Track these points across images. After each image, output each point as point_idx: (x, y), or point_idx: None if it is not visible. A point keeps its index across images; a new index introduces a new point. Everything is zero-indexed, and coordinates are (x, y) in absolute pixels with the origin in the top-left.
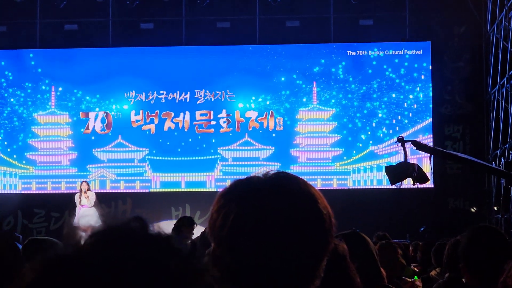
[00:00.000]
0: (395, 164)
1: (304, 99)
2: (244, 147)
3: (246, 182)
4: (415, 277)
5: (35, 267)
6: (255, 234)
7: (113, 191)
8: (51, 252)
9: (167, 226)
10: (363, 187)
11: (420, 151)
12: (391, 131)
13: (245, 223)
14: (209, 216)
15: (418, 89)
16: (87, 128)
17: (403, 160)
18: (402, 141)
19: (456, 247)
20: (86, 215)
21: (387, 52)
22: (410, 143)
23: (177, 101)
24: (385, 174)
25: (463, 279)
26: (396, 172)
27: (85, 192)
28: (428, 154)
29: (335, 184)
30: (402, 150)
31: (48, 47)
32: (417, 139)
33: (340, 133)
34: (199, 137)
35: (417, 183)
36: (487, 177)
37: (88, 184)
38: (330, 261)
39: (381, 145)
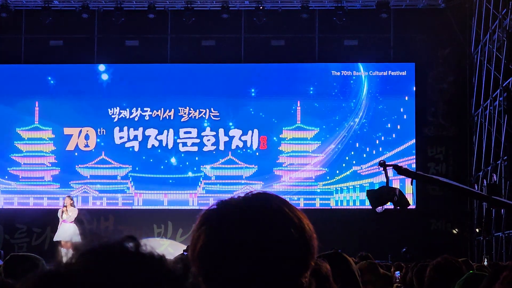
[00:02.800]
0: (376, 188)
1: (288, 118)
2: (227, 166)
3: (225, 203)
4: None
5: (27, 285)
6: (227, 254)
7: (95, 207)
8: (42, 269)
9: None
10: (345, 207)
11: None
12: (374, 152)
13: (218, 243)
14: (190, 237)
15: (402, 110)
16: (71, 144)
17: (385, 181)
18: (384, 165)
19: (438, 269)
20: (66, 231)
21: (371, 73)
22: (391, 167)
23: (161, 119)
24: (367, 198)
25: None
26: (377, 196)
27: (66, 207)
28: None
29: (317, 203)
30: (385, 173)
31: (33, 63)
32: (400, 161)
33: (324, 152)
34: (183, 155)
35: (398, 208)
36: (469, 199)
37: (71, 199)
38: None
39: (364, 165)
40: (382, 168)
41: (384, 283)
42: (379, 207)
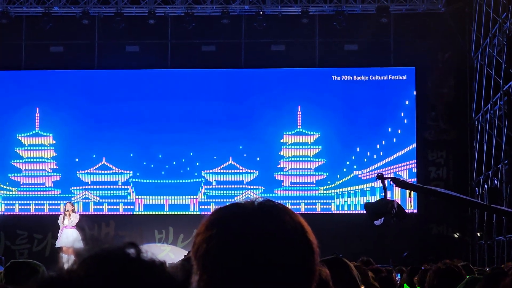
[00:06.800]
0: (374, 201)
1: (289, 123)
2: (228, 171)
3: (231, 209)
4: None
5: None
6: (241, 260)
7: (97, 213)
8: (43, 275)
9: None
10: (346, 212)
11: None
12: (375, 156)
13: (229, 250)
14: (193, 242)
15: (402, 114)
16: (71, 150)
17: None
18: (381, 178)
19: (438, 274)
20: (68, 237)
21: (371, 77)
22: (390, 180)
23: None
24: (365, 211)
25: None
26: (375, 209)
27: (67, 211)
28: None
29: (318, 208)
30: (383, 186)
31: (33, 69)
32: (401, 165)
33: (324, 157)
34: (183, 160)
35: (394, 219)
36: None
37: (72, 205)
38: None
39: (365, 170)
40: (380, 181)
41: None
42: (377, 220)
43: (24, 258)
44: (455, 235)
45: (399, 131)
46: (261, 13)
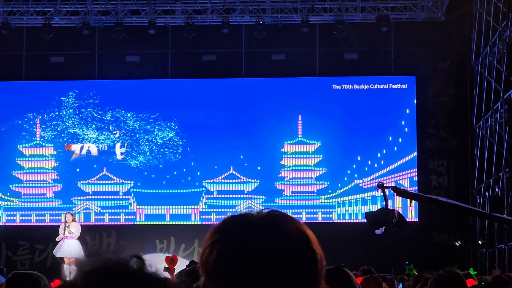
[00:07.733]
0: (375, 210)
1: (290, 132)
2: (229, 180)
3: (238, 218)
4: None
5: None
6: (243, 269)
7: (98, 223)
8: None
9: (151, 258)
10: (347, 221)
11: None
12: (376, 165)
13: (236, 257)
14: (201, 249)
15: (403, 123)
16: (72, 161)
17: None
18: (382, 187)
19: (439, 282)
20: (70, 248)
21: (372, 86)
22: (390, 189)
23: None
24: (366, 220)
25: None
26: (376, 218)
27: (68, 222)
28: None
29: (320, 217)
30: (383, 194)
31: (34, 79)
32: (402, 174)
33: (325, 166)
34: (184, 170)
35: (395, 228)
36: None
37: (72, 215)
38: None
39: (366, 178)
40: (381, 190)
41: None
42: (378, 229)
43: (26, 268)
44: (457, 244)
45: (400, 140)
46: (261, 22)
